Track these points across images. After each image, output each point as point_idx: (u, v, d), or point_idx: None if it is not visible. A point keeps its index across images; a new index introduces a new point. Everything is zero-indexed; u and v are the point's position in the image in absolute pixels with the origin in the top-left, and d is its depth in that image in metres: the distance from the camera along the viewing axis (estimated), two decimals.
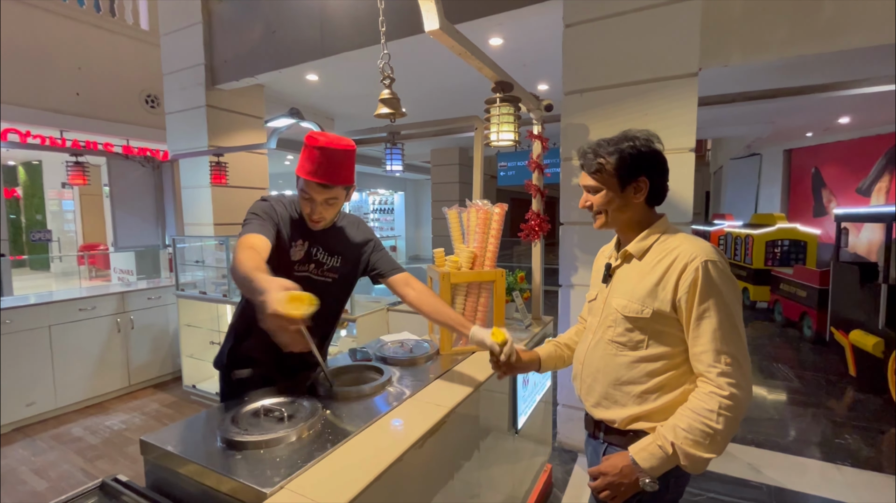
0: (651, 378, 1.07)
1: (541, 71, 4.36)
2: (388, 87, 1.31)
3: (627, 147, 1.08)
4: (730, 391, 0.95)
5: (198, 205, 4.28)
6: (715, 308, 0.98)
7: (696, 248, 1.02)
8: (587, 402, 1.20)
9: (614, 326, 1.11)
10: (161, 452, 1.11)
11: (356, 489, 0.92)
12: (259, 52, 3.95)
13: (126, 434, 2.94)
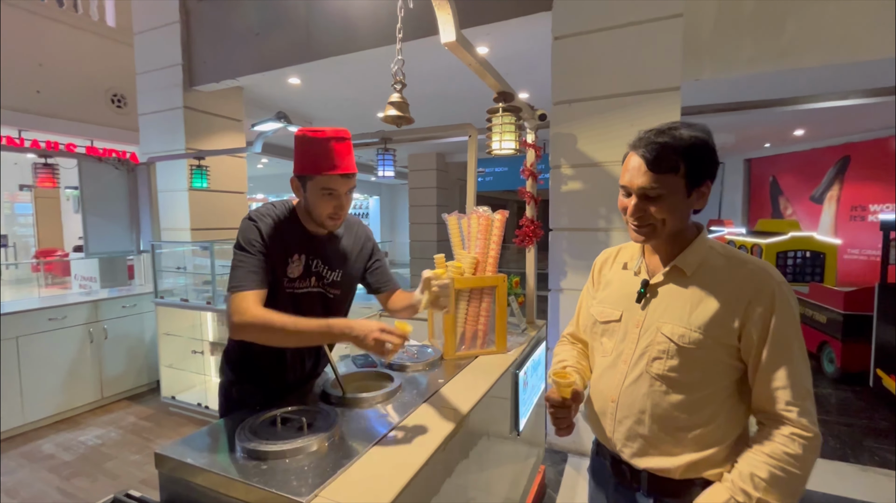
0: (711, 418, 0.92)
1: (522, 79, 4.46)
2: (398, 92, 1.30)
3: (696, 140, 0.88)
4: (813, 432, 0.84)
5: (174, 209, 4.14)
6: (792, 339, 0.87)
7: (765, 269, 0.90)
8: (625, 449, 1.01)
9: (664, 358, 0.93)
10: (178, 464, 1.08)
11: (392, 493, 0.92)
12: (241, 54, 3.87)
13: (102, 450, 2.80)
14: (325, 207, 1.26)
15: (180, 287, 3.48)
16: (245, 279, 1.21)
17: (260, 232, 1.27)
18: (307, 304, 1.35)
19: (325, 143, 1.21)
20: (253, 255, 1.24)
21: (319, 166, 1.21)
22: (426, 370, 1.69)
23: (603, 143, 2.62)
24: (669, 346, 0.92)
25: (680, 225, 0.94)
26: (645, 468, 0.98)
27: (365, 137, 2.86)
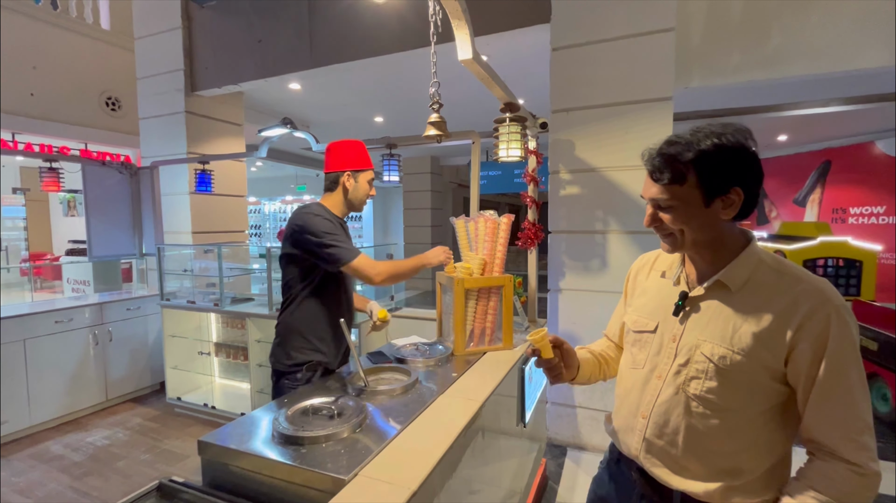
0: (750, 444, 0.87)
1: (520, 85, 4.59)
2: (436, 112, 1.43)
3: (713, 147, 0.82)
4: (873, 469, 0.77)
5: (176, 212, 4.19)
6: (849, 368, 0.79)
7: (821, 288, 0.82)
8: (653, 468, 0.96)
9: (703, 379, 0.88)
10: (220, 450, 1.17)
11: (426, 470, 1.03)
12: (244, 60, 3.95)
13: (111, 450, 2.85)
14: (368, 190, 1.81)
15: (185, 289, 3.53)
16: (352, 249, 1.65)
17: (329, 221, 1.66)
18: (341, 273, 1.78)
19: (363, 149, 1.79)
20: (340, 235, 1.65)
21: (368, 162, 1.79)
22: (438, 365, 1.79)
23: (599, 149, 2.75)
24: (708, 367, 0.87)
25: (705, 235, 0.88)
26: (679, 488, 0.92)
27: (371, 143, 2.95)
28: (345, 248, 1.63)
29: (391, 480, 1.00)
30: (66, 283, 6.96)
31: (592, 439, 2.87)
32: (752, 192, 0.85)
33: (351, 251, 1.63)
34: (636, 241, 2.69)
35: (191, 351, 3.47)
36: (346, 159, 1.74)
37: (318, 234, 1.61)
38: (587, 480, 2.51)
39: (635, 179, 2.67)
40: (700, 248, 0.91)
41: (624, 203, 2.70)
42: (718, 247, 0.90)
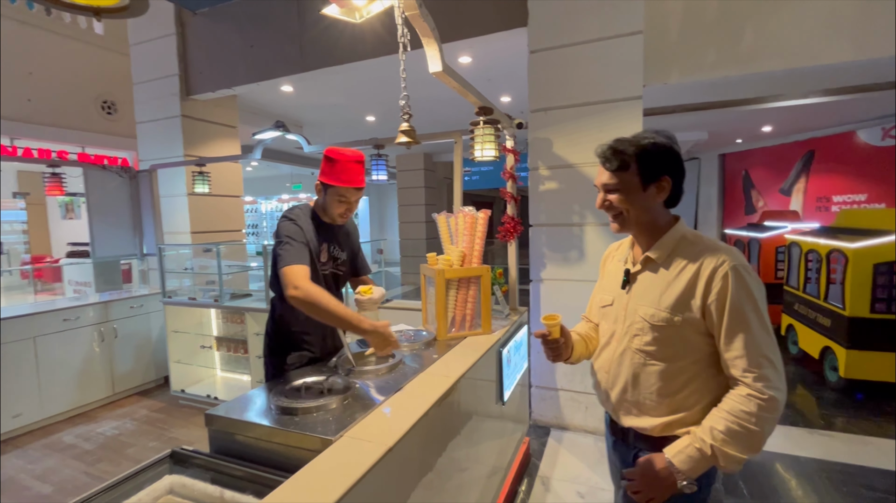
0: (684, 385, 1.06)
1: (504, 85, 4.75)
2: (407, 121, 1.59)
3: (650, 144, 1.06)
4: (769, 394, 0.95)
5: (175, 214, 4.35)
6: (747, 313, 0.98)
7: (724, 253, 1.02)
8: (615, 411, 1.19)
9: (641, 335, 1.09)
10: (227, 421, 1.34)
11: (402, 431, 1.20)
12: (237, 65, 4.09)
13: (121, 439, 3.02)
14: (337, 209, 1.69)
15: (186, 287, 3.70)
16: (294, 257, 1.54)
17: (301, 229, 1.62)
18: (328, 282, 1.77)
19: (347, 164, 1.63)
20: (298, 242, 1.58)
21: (340, 179, 1.62)
22: (422, 349, 1.96)
23: (576, 146, 2.92)
24: (644, 325, 1.09)
25: (645, 216, 1.10)
26: (631, 426, 1.15)
27: (359, 144, 3.11)
28: (289, 252, 1.54)
29: (372, 439, 1.17)
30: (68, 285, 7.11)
31: (574, 419, 3.05)
32: (678, 182, 1.09)
33: (292, 257, 1.52)
34: (611, 233, 2.85)
35: (193, 345, 3.65)
36: (323, 169, 1.65)
37: (279, 235, 1.61)
38: (568, 456, 2.72)
39: None
40: (641, 228, 1.13)
41: None
42: (654, 228, 1.12)
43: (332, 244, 1.78)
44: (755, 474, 2.49)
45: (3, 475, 2.63)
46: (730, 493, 2.33)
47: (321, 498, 0.94)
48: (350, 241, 1.91)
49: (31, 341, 3.15)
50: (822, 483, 2.40)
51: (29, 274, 8.88)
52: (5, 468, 2.71)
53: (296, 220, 1.63)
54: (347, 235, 1.89)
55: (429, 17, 1.38)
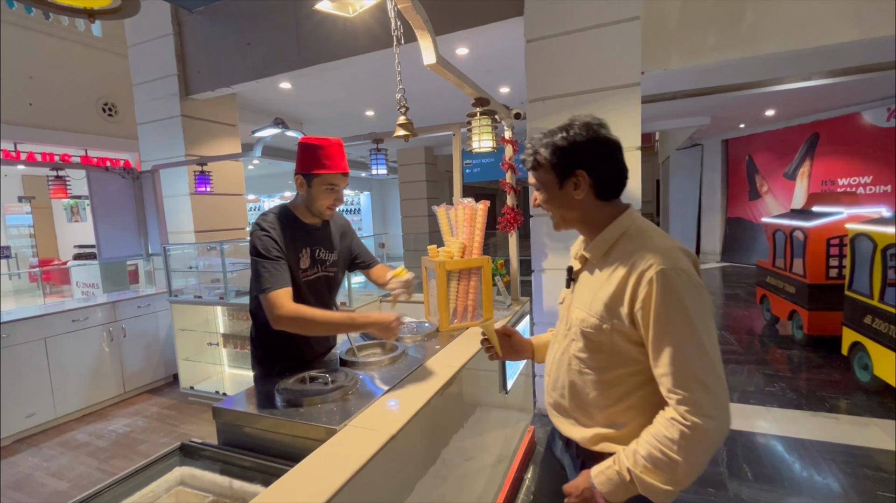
0: (620, 399, 0.96)
1: (502, 75, 4.73)
2: (403, 115, 1.59)
3: (559, 139, 0.96)
4: (692, 421, 0.82)
5: (179, 213, 4.38)
6: (676, 324, 0.85)
7: (656, 253, 0.88)
8: (556, 416, 1.11)
9: (577, 340, 1.00)
10: (234, 414, 1.37)
11: (404, 420, 1.22)
12: (235, 63, 4.10)
13: (133, 435, 3.08)
14: (326, 200, 1.56)
15: (191, 285, 3.74)
16: (274, 280, 1.45)
17: (275, 240, 1.50)
18: (318, 287, 1.68)
19: (329, 148, 1.52)
20: (273, 260, 1.48)
21: (325, 166, 1.51)
22: (424, 340, 1.99)
23: None
24: (578, 330, 1.00)
25: (571, 213, 1.01)
26: (568, 436, 1.06)
27: (358, 138, 3.12)
28: (267, 275, 1.45)
29: (375, 428, 1.20)
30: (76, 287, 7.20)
31: None
32: (599, 172, 0.96)
33: (270, 281, 1.44)
34: None
35: (200, 343, 3.69)
36: (301, 159, 1.52)
37: (254, 251, 1.49)
38: None
39: None
40: (576, 225, 1.04)
41: None
42: (589, 224, 1.02)
43: (314, 248, 1.64)
44: (759, 457, 2.51)
45: (20, 473, 2.69)
46: (733, 476, 2.35)
47: (325, 485, 0.96)
48: (344, 239, 1.79)
49: (42, 342, 3.20)
50: (826, 464, 2.42)
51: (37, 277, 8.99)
52: (21, 466, 2.77)
53: (269, 231, 1.51)
54: (338, 234, 1.76)
55: (421, 9, 1.38)
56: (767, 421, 2.90)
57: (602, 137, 0.96)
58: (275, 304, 1.43)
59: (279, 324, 1.44)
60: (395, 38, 1.43)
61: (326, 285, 1.72)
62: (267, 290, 1.44)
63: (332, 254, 1.74)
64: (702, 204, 9.90)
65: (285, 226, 1.56)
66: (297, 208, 1.62)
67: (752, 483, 2.30)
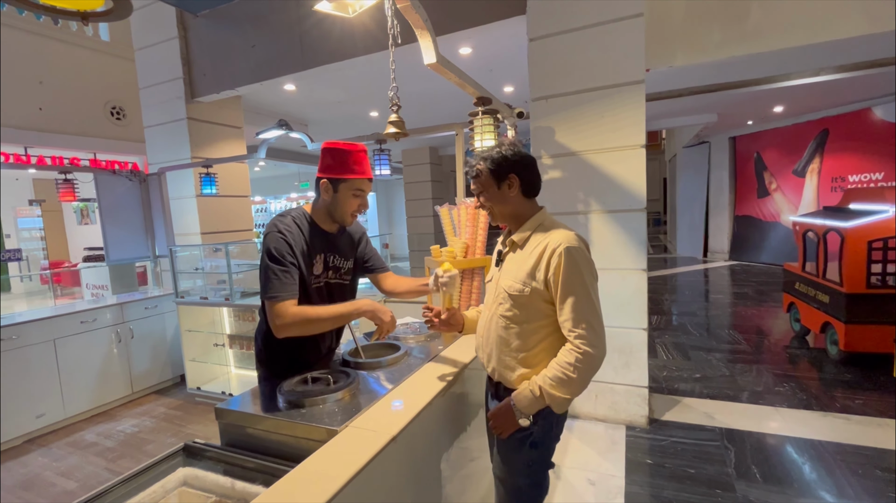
0: (533, 344, 1.31)
1: (506, 75, 4.71)
2: (395, 113, 1.59)
3: (496, 154, 1.33)
4: (583, 349, 1.20)
5: (185, 215, 4.42)
6: (575, 284, 1.22)
7: (562, 237, 1.25)
8: (488, 368, 1.42)
9: (504, 303, 1.33)
10: (236, 415, 1.37)
11: (406, 420, 1.22)
12: (239, 66, 4.12)
13: (140, 436, 3.11)
14: (352, 205, 1.56)
15: (198, 287, 3.76)
16: (282, 289, 1.44)
17: (290, 245, 1.48)
18: (330, 293, 1.66)
19: (358, 154, 1.53)
20: (286, 267, 1.46)
21: (354, 171, 1.52)
22: (427, 341, 1.98)
23: (578, 133, 2.89)
24: (504, 295, 1.34)
25: (506, 208, 1.35)
26: (498, 381, 1.40)
27: (361, 139, 3.12)
28: (275, 282, 1.43)
29: (376, 429, 1.19)
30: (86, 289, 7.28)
31: (584, 407, 3.06)
32: (525, 178, 1.33)
33: (277, 288, 1.43)
34: (615, 220, 2.84)
35: (206, 344, 3.72)
36: (328, 163, 1.51)
37: (267, 254, 1.46)
38: (578, 444, 2.73)
39: (612, 161, 2.81)
40: (506, 218, 1.39)
41: (602, 184, 2.85)
42: (517, 217, 1.37)
43: (329, 254, 1.63)
44: (767, 457, 2.48)
45: (31, 473, 2.73)
46: (741, 477, 2.32)
47: (326, 486, 0.96)
48: (359, 246, 1.78)
49: (52, 344, 3.24)
50: (836, 466, 2.38)
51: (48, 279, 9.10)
52: (31, 466, 2.81)
53: (286, 235, 1.48)
54: (355, 241, 1.76)
55: (421, 9, 1.38)
56: (776, 421, 2.86)
57: (524, 153, 1.35)
58: (278, 314, 1.43)
59: (281, 333, 1.45)
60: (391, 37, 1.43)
61: (339, 292, 1.69)
62: (273, 300, 1.43)
63: (348, 262, 1.71)
64: (709, 202, 9.80)
65: (302, 229, 1.55)
66: (318, 213, 1.59)
67: (760, 485, 2.27)
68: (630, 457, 2.55)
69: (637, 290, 2.82)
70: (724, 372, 3.67)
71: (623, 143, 2.78)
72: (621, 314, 2.86)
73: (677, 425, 2.86)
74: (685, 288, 7.22)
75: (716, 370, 3.71)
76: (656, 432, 2.80)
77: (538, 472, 1.40)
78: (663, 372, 3.73)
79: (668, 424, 2.88)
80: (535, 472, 1.40)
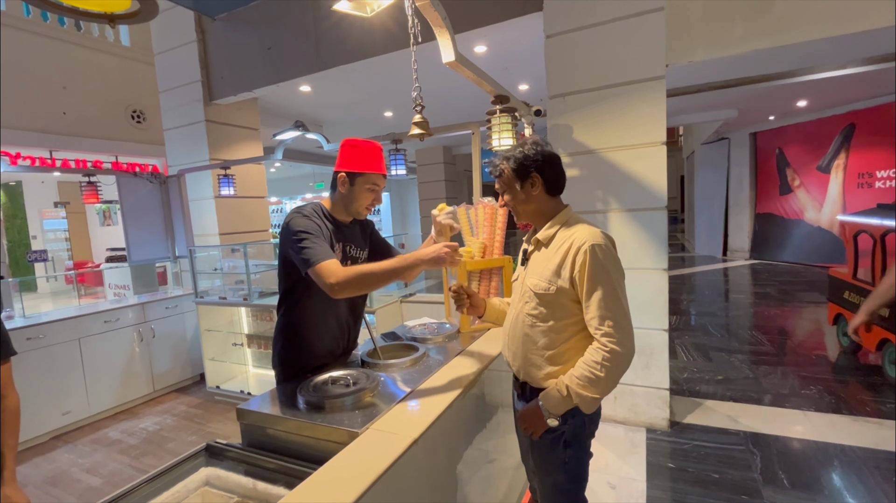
0: (560, 342, 1.30)
1: (522, 73, 4.67)
2: (419, 113, 1.58)
3: (517, 153, 1.32)
4: (610, 347, 1.19)
5: (203, 216, 4.48)
6: (601, 282, 1.20)
7: (587, 235, 1.23)
8: (514, 367, 1.42)
9: (530, 302, 1.33)
10: (256, 415, 1.38)
11: (427, 423, 1.21)
12: (256, 68, 4.16)
13: (162, 433, 3.16)
14: (366, 199, 1.63)
15: (216, 287, 3.81)
16: (322, 252, 1.45)
17: (317, 225, 1.54)
18: None
19: (375, 150, 1.61)
20: (318, 237, 1.49)
21: (371, 166, 1.59)
22: (445, 342, 1.97)
23: (597, 131, 2.85)
24: (531, 293, 1.34)
25: (530, 206, 1.35)
26: (525, 380, 1.40)
27: (378, 139, 3.12)
28: (314, 249, 1.45)
29: (397, 432, 1.18)
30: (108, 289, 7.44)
31: (604, 409, 3.00)
32: (548, 175, 1.32)
33: (319, 254, 1.43)
34: (635, 219, 2.79)
35: (225, 343, 3.77)
36: (346, 159, 1.59)
37: (295, 232, 1.48)
38: (598, 446, 2.69)
39: (632, 158, 2.76)
40: (531, 216, 1.38)
41: (622, 182, 2.80)
42: (541, 215, 1.36)
43: (347, 244, 1.69)
44: (795, 462, 2.40)
45: (57, 469, 2.79)
46: (768, 483, 2.26)
47: (349, 488, 0.95)
48: (371, 237, 1.84)
49: (76, 343, 3.32)
50: (869, 472, 2.30)
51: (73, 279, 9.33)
52: (58, 462, 2.88)
53: (309, 217, 1.54)
54: (366, 232, 1.82)
55: (440, 6, 1.36)
56: (804, 425, 2.78)
57: (547, 151, 1.33)
58: (328, 273, 1.40)
59: (338, 293, 1.41)
60: (412, 36, 1.42)
61: None
62: (316, 263, 1.42)
63: (363, 252, 1.78)
64: (729, 199, 9.59)
65: (321, 220, 1.60)
66: (334, 206, 1.66)
67: (788, 491, 2.20)
68: (651, 461, 2.50)
69: (658, 290, 2.77)
70: (748, 374, 3.58)
71: (643, 140, 2.72)
72: (642, 314, 2.80)
73: (699, 428, 2.80)
74: (704, 287, 7.08)
75: (738, 372, 3.63)
76: (678, 435, 2.74)
77: (576, 468, 1.39)
78: (684, 373, 3.65)
79: (689, 427, 2.82)
80: (573, 469, 1.39)
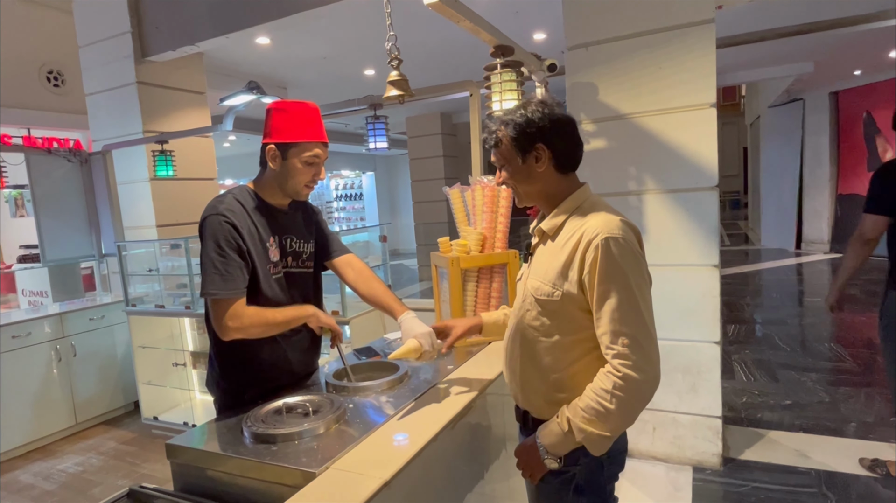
0: (568, 364, 1.24)
1: (536, 18, 4.64)
2: (396, 69, 1.58)
3: (519, 116, 1.24)
4: (623, 373, 1.09)
5: (136, 204, 4.48)
6: (614, 287, 1.12)
7: (600, 225, 1.15)
8: (512, 391, 1.40)
9: (531, 310, 1.27)
10: (192, 453, 1.38)
11: (403, 461, 1.21)
12: (200, 16, 4.15)
13: (85, 477, 3.19)
14: (305, 175, 1.59)
15: (154, 293, 3.83)
16: (227, 284, 1.48)
17: (235, 228, 1.51)
18: (291, 285, 1.69)
19: (311, 112, 1.55)
20: (230, 257, 1.49)
21: (304, 133, 1.54)
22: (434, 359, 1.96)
23: (629, 91, 2.83)
24: (531, 299, 1.28)
25: (531, 186, 1.29)
26: (525, 409, 1.37)
27: (351, 104, 3.12)
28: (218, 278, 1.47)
29: (364, 472, 1.18)
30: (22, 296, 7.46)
31: (638, 443, 3.01)
32: (558, 146, 1.24)
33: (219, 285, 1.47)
34: (678, 201, 2.78)
35: (164, 363, 3.78)
36: (275, 127, 1.54)
37: (204, 241, 1.52)
38: (631, 490, 2.71)
39: (673, 125, 2.74)
40: (535, 199, 1.32)
41: (661, 156, 2.78)
42: (549, 198, 1.30)
43: (285, 237, 1.67)
44: None
45: None
46: None
47: None
48: (316, 226, 1.83)
49: None
50: None
51: None
52: None
53: (227, 216, 1.51)
54: (311, 219, 1.81)
55: None
56: None
57: (558, 114, 1.25)
58: (231, 315, 1.47)
59: (229, 336, 1.50)
60: None
61: (303, 283, 1.74)
62: (215, 295, 1.48)
63: (308, 245, 1.76)
64: (803, 178, 9.56)
65: (247, 210, 1.59)
66: (264, 188, 1.65)
67: None
68: None
69: (706, 293, 2.76)
70: (823, 397, 3.59)
71: (687, 102, 2.71)
72: (685, 324, 2.80)
73: (760, 466, 2.80)
74: (772, 289, 7.09)
75: (812, 395, 3.63)
76: (732, 475, 2.75)
77: None
78: (742, 397, 3.67)
79: (747, 465, 2.82)
80: None
